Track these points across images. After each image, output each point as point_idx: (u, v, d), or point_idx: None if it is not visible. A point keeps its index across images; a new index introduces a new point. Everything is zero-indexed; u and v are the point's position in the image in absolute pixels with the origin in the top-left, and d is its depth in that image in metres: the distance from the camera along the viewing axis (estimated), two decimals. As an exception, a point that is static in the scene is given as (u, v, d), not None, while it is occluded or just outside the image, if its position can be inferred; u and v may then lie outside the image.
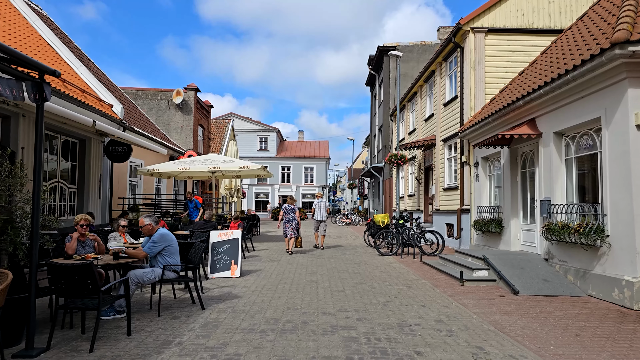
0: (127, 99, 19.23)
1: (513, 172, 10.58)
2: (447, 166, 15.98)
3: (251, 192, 49.19)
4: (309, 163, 50.22)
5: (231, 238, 8.82)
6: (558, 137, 8.64)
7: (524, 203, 10.39)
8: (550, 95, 8.33)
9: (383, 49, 29.81)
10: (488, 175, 12.47)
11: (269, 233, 21.70)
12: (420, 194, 19.60)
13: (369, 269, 10.24)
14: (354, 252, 13.58)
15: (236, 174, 18.05)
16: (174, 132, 24.07)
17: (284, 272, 9.41)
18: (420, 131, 19.69)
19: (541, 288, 7.58)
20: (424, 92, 19.50)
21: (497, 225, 11.01)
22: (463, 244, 13.93)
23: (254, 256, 12.18)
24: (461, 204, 14.06)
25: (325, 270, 9.92)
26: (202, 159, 15.17)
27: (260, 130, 49.73)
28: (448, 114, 15.75)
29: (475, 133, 12.55)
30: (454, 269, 9.66)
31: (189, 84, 24.47)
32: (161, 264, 5.75)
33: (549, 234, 8.26)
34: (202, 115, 26.51)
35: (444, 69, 16.42)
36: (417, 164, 19.84)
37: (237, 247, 8.77)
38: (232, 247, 8.76)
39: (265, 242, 16.76)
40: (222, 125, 34.66)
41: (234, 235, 8.87)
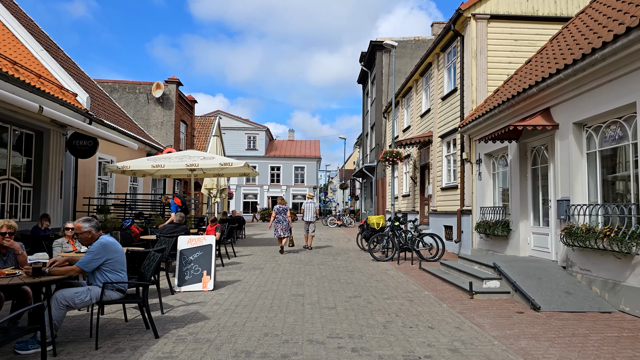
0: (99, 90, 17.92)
1: (522, 169, 9.52)
2: (445, 164, 14.91)
3: (239, 193, 47.85)
4: (299, 163, 49.02)
5: (203, 245, 7.62)
6: (578, 128, 7.57)
7: (534, 204, 9.32)
8: (572, 79, 7.25)
9: (375, 44, 28.74)
10: (492, 174, 11.41)
11: (255, 236, 20.49)
12: (415, 194, 18.52)
13: (363, 277, 9.10)
14: (346, 258, 12.43)
15: (218, 172, 16.83)
16: (153, 127, 22.77)
17: (266, 283, 8.23)
18: (416, 128, 18.61)
19: (564, 302, 6.49)
20: (419, 87, 18.42)
21: (503, 228, 9.93)
22: (464, 248, 12.85)
23: (235, 263, 10.98)
24: (461, 204, 12.99)
25: (314, 279, 8.76)
26: (179, 155, 13.95)
27: (249, 129, 48.44)
28: (446, 109, 14.68)
29: (478, 127, 11.47)
30: (459, 278, 8.55)
31: (170, 77, 23.17)
32: (101, 282, 4.54)
33: (569, 239, 7.18)
34: (185, 110, 25.22)
35: (441, 60, 15.35)
36: (412, 162, 18.77)
37: (210, 255, 7.57)
38: (204, 255, 7.56)
39: (250, 246, 15.56)
40: (207, 123, 33.36)
41: (207, 242, 7.67)
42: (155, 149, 18.68)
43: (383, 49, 29.00)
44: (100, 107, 15.94)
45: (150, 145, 18.71)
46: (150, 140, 19.63)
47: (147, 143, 17.99)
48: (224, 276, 8.94)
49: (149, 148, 18.53)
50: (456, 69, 13.90)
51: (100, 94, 17.84)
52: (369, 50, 30.12)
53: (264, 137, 48.53)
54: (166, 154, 14.37)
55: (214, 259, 7.66)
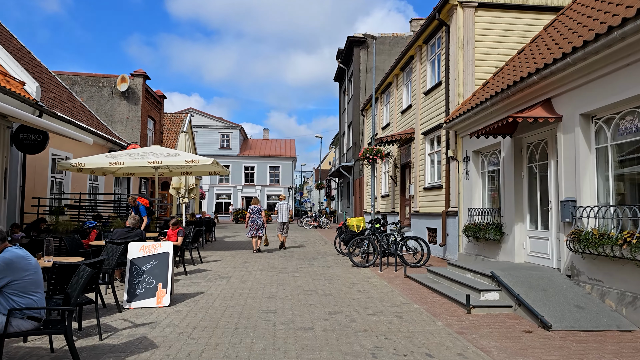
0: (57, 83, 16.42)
1: (517, 167, 8.70)
2: (428, 163, 14.08)
3: (212, 193, 46.29)
4: (274, 162, 47.79)
5: (158, 252, 6.48)
6: (586, 120, 6.77)
7: (531, 205, 8.52)
8: (581, 64, 6.43)
9: (353, 39, 27.89)
10: (481, 172, 10.60)
11: (227, 239, 19.27)
12: (395, 194, 17.68)
13: (343, 287, 8.11)
14: (323, 263, 11.43)
15: (186, 171, 15.59)
16: (118, 123, 21.26)
17: (233, 296, 7.13)
18: (396, 125, 17.77)
19: (577, 319, 5.64)
20: (399, 82, 17.59)
21: (495, 231, 9.11)
22: (449, 252, 12.02)
23: (200, 271, 9.83)
24: (447, 205, 12.16)
25: (288, 290, 7.71)
26: (141, 152, 12.69)
27: (222, 127, 46.93)
28: (430, 104, 13.85)
29: (466, 122, 10.65)
30: (450, 288, 7.65)
31: (137, 70, 21.70)
32: (6, 309, 3.41)
33: (578, 245, 6.35)
34: (153, 106, 23.77)
35: (424, 52, 14.53)
36: (392, 161, 17.91)
37: (166, 265, 6.44)
38: (159, 264, 6.42)
39: (219, 250, 14.38)
40: (178, 120, 31.85)
41: (163, 249, 6.54)
42: (119, 145, 17.30)
43: (361, 45, 28.17)
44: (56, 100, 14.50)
45: (113, 141, 17.29)
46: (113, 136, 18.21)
47: (108, 139, 16.59)
48: (185, 287, 7.79)
49: (112, 145, 17.13)
50: (441, 61, 13.08)
51: (58, 86, 16.35)
52: (346, 47, 29.25)
53: (238, 136, 47.12)
54: (127, 151, 13.07)
55: (172, 269, 6.53)
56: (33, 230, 9.47)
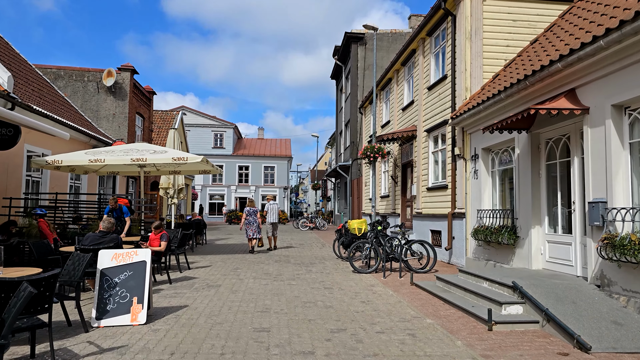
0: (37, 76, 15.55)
1: (534, 165, 7.96)
2: (431, 161, 13.33)
3: (205, 194, 45.35)
4: (269, 162, 46.91)
5: (134, 261, 5.67)
6: (618, 111, 6.03)
7: (550, 206, 7.78)
8: (615, 48, 5.69)
9: (351, 35, 27.12)
10: (491, 171, 9.86)
11: (219, 241, 18.43)
12: (395, 194, 16.92)
13: (345, 297, 7.32)
14: (321, 268, 10.64)
15: (175, 169, 14.75)
16: (104, 120, 20.36)
17: (221, 310, 6.33)
18: (397, 123, 17.02)
19: (618, 338, 4.89)
20: (400, 77, 16.84)
21: (510, 235, 8.36)
22: (456, 256, 11.27)
23: (186, 279, 9.02)
24: (453, 206, 11.41)
25: (283, 302, 6.92)
26: (125, 149, 11.84)
27: (216, 126, 46.00)
28: (433, 99, 13.11)
29: (475, 118, 9.90)
30: (465, 299, 6.89)
31: (124, 64, 20.80)
32: None
33: (613, 252, 5.61)
34: (141, 102, 22.88)
35: (428, 45, 13.78)
36: (393, 160, 17.16)
37: (142, 276, 5.63)
38: (135, 275, 5.61)
39: (210, 254, 13.56)
40: (169, 118, 30.98)
41: (139, 257, 5.72)
42: (104, 142, 16.43)
43: (358, 42, 27.42)
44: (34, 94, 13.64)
45: (97, 138, 16.42)
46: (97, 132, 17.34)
47: (92, 135, 15.72)
48: (167, 299, 6.97)
49: (95, 142, 16.27)
50: (446, 53, 12.33)
51: (38, 79, 15.49)
52: (344, 43, 28.49)
53: (232, 135, 46.21)
54: (109, 147, 12.22)
55: (149, 281, 5.72)
56: (2, 233, 8.63)
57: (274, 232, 14.83)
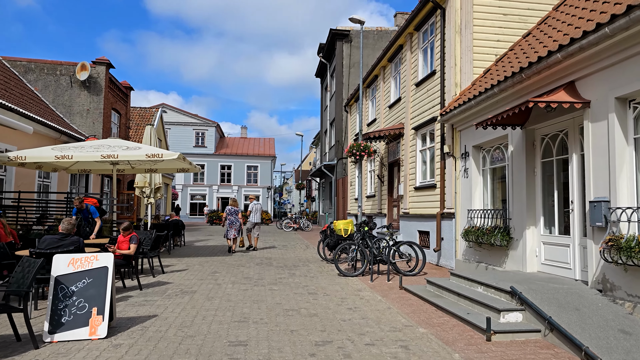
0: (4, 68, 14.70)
1: (529, 163, 7.57)
2: (419, 160, 12.93)
3: (186, 193, 44.40)
4: (252, 162, 46.18)
5: (94, 267, 5.07)
6: (622, 105, 5.65)
7: (545, 206, 7.40)
8: (621, 36, 5.31)
9: (336, 32, 26.65)
10: (482, 169, 9.47)
11: (198, 243, 17.76)
12: (382, 194, 16.49)
13: (331, 304, 6.82)
14: (305, 272, 10.12)
15: (150, 167, 14.08)
16: (77, 115, 19.47)
17: (194, 320, 5.76)
18: (383, 120, 16.59)
19: (628, 349, 4.48)
20: (387, 74, 16.42)
21: (503, 236, 7.96)
22: (445, 258, 10.87)
23: (159, 284, 8.41)
24: (442, 206, 11.00)
25: (264, 311, 6.38)
26: (95, 145, 11.17)
27: (197, 124, 45.08)
28: (421, 96, 12.70)
29: (466, 114, 9.50)
30: (458, 305, 6.45)
31: (99, 57, 19.95)
32: None
33: (618, 255, 5.22)
34: (118, 98, 22.04)
35: (416, 40, 13.37)
36: (379, 159, 16.73)
37: (104, 283, 5.03)
38: (95, 283, 5.01)
39: (188, 256, 12.92)
40: (148, 115, 30.11)
41: (100, 262, 5.12)
42: (75, 139, 15.67)
43: (344, 39, 26.98)
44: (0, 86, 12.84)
45: (68, 134, 15.64)
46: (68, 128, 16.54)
47: (62, 131, 14.95)
48: (135, 308, 6.37)
49: (67, 137, 15.48)
50: (435, 48, 11.94)
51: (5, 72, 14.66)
52: (329, 40, 28.01)
53: (214, 134, 45.36)
54: (78, 143, 11.52)
55: (111, 289, 5.13)
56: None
57: (255, 232, 14.67)
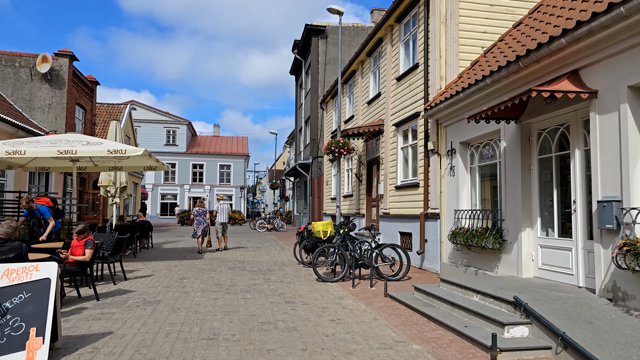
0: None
1: (524, 160, 7.04)
2: (400, 157, 12.35)
3: (156, 193, 42.86)
4: (225, 160, 44.97)
5: (33, 280, 4.21)
6: (636, 94, 5.14)
7: (543, 206, 6.88)
8: (637, 17, 4.77)
9: (311, 28, 25.95)
10: (470, 167, 8.93)
11: (167, 245, 16.74)
12: (360, 194, 15.87)
13: (311, 315, 6.09)
14: (281, 276, 9.37)
15: (115, 165, 13.07)
16: (38, 110, 18.19)
17: (155, 338, 4.94)
18: (362, 117, 15.98)
19: (655, 370, 3.93)
20: (365, 69, 15.81)
21: (495, 238, 7.41)
22: (429, 260, 10.30)
23: (120, 292, 7.51)
24: (425, 206, 10.43)
25: (236, 324, 5.61)
26: (52, 139, 10.17)
27: (168, 122, 43.60)
28: (403, 91, 12.13)
29: (453, 108, 8.94)
30: (452, 316, 5.83)
31: (62, 49, 18.70)
32: None
33: (634, 261, 4.68)
34: (82, 93, 20.75)
35: (396, 33, 12.79)
36: (357, 157, 16.10)
37: (45, 299, 4.18)
38: (34, 298, 4.16)
39: (154, 260, 11.97)
40: (116, 112, 28.69)
41: (41, 274, 4.27)
42: (33, 134, 14.45)
43: (319, 34, 26.29)
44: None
45: (26, 129, 14.45)
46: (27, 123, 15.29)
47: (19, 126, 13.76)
48: (88, 323, 5.50)
49: (25, 133, 14.29)
50: (417, 40, 11.37)
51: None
52: (304, 36, 27.28)
53: (186, 132, 43.96)
54: (33, 138, 10.46)
55: (54, 304, 4.27)
56: None
57: (224, 232, 14.71)
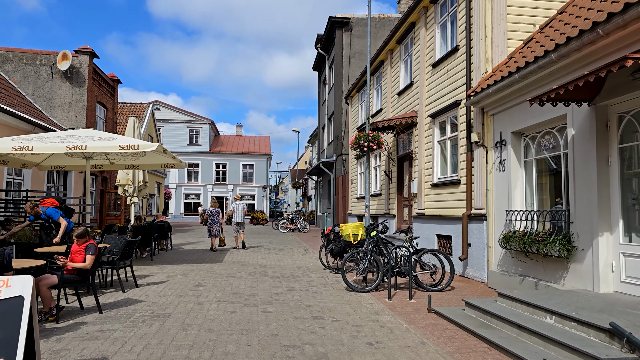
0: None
1: (600, 150, 5.85)
2: (437, 152, 11.19)
3: (179, 193, 42.54)
4: (247, 160, 44.34)
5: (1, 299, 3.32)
6: None
7: (626, 205, 5.67)
8: None
9: (335, 20, 24.90)
10: (524, 161, 7.75)
11: (187, 246, 15.96)
12: (389, 193, 14.75)
13: (344, 335, 5.06)
14: (307, 284, 8.36)
15: (132, 163, 12.30)
16: (58, 108, 17.71)
17: (155, 370, 3.99)
18: (391, 110, 14.85)
19: None
20: (395, 58, 14.68)
21: (562, 244, 6.23)
22: (473, 268, 9.13)
23: (128, 303, 6.63)
24: (468, 206, 9.27)
25: (255, 348, 4.62)
26: (62, 135, 9.48)
27: (191, 122, 43.22)
28: (440, 78, 10.97)
29: (504, 93, 7.76)
30: (519, 342, 4.70)
31: (82, 46, 18.18)
32: None
33: None
34: (103, 90, 20.22)
35: (431, 15, 11.64)
36: (386, 153, 14.98)
37: (16, 323, 3.27)
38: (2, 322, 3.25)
39: (171, 263, 11.13)
40: (139, 111, 28.28)
41: (12, 291, 3.35)
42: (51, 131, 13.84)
43: (344, 27, 25.24)
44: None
45: (44, 127, 13.87)
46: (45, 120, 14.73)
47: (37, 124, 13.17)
48: (82, 344, 4.59)
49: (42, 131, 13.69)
50: (457, 20, 10.21)
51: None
52: (327, 29, 26.26)
53: (209, 132, 43.51)
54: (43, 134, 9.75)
55: (26, 329, 3.35)
56: None
57: (239, 230, 14.83)
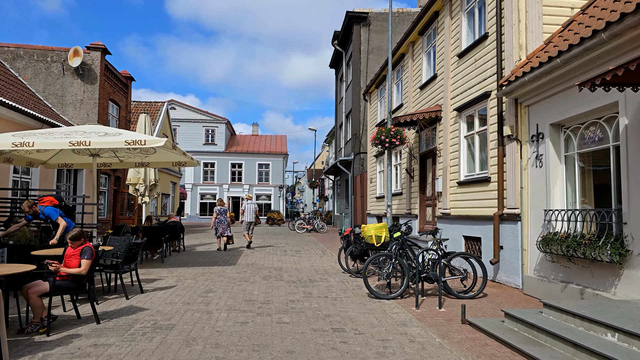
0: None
1: (660, 141, 5.11)
2: (464, 148, 10.48)
3: (195, 193, 42.35)
4: (263, 159, 43.94)
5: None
6: None
7: (691, 204, 4.93)
8: None
9: (353, 15, 24.25)
10: (564, 156, 7.01)
11: (200, 247, 15.50)
12: (411, 192, 14.05)
13: (370, 353, 4.44)
14: (325, 290, 7.75)
15: (142, 161, 11.86)
16: (70, 106, 17.42)
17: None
18: (412, 105, 14.16)
19: None
20: (417, 50, 13.98)
21: (614, 248, 5.50)
22: (506, 272, 8.40)
23: (129, 311, 6.11)
24: (500, 206, 8.54)
25: (267, 368, 4.03)
26: (67, 130, 9.03)
27: (207, 121, 42.98)
28: (466, 69, 10.26)
29: (542, 80, 7.04)
30: (579, 365, 4.02)
31: (94, 42, 17.88)
32: None
33: None
34: (116, 88, 19.92)
35: (457, 3, 10.92)
36: (408, 150, 14.27)
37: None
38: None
39: (182, 266, 10.64)
40: (153, 110, 28.05)
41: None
42: (57, 128, 13.49)
43: (361, 22, 24.57)
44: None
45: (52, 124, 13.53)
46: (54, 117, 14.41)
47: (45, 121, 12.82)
48: (68, 365, 4.07)
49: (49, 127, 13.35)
50: (486, 7, 9.49)
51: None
52: (345, 25, 25.61)
53: (224, 131, 43.23)
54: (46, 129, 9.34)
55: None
56: None
57: (249, 229, 15.03)
